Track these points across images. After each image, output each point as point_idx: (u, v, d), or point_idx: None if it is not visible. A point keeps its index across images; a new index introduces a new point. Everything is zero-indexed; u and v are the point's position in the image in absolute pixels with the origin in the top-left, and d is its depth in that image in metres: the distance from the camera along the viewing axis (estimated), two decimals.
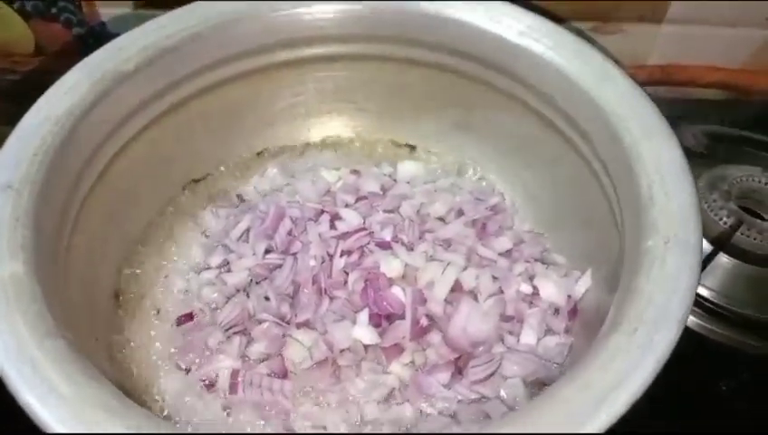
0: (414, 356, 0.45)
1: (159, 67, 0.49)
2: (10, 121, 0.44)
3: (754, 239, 0.55)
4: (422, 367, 0.45)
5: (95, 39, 0.68)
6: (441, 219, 0.53)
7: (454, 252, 0.50)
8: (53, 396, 0.32)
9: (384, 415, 0.44)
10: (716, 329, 0.53)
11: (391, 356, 0.45)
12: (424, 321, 0.46)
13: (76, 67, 0.47)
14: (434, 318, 0.47)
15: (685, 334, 0.34)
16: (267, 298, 0.48)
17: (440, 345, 0.46)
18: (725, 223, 0.55)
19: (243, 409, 0.44)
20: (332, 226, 0.51)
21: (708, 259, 0.53)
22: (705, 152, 0.60)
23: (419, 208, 0.53)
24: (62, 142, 0.43)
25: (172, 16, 0.50)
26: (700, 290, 0.53)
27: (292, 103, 0.58)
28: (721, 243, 0.54)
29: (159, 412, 0.44)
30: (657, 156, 0.40)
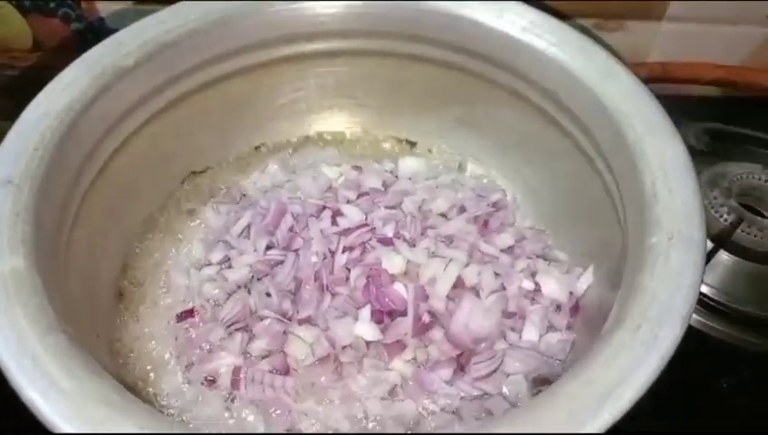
0: (416, 353, 0.45)
1: (159, 62, 0.49)
2: (8, 117, 0.43)
3: (755, 236, 0.55)
4: (424, 364, 0.45)
5: (94, 34, 0.67)
6: (443, 215, 0.53)
7: (456, 248, 0.49)
8: (55, 391, 0.31)
9: (386, 412, 0.44)
10: (717, 326, 0.53)
11: (393, 353, 0.45)
12: (426, 317, 0.46)
13: (75, 62, 0.46)
14: (436, 315, 0.46)
15: (685, 332, 0.34)
16: (269, 294, 0.48)
17: (442, 342, 0.46)
18: (726, 220, 0.56)
19: (244, 405, 0.44)
20: (334, 222, 0.51)
21: (709, 256, 0.53)
22: (705, 150, 0.60)
23: (421, 205, 0.53)
24: (62, 137, 0.42)
25: (172, 11, 0.50)
26: (701, 287, 0.53)
27: (292, 99, 0.58)
28: (721, 240, 0.54)
29: (160, 409, 0.44)
30: (660, 152, 0.40)
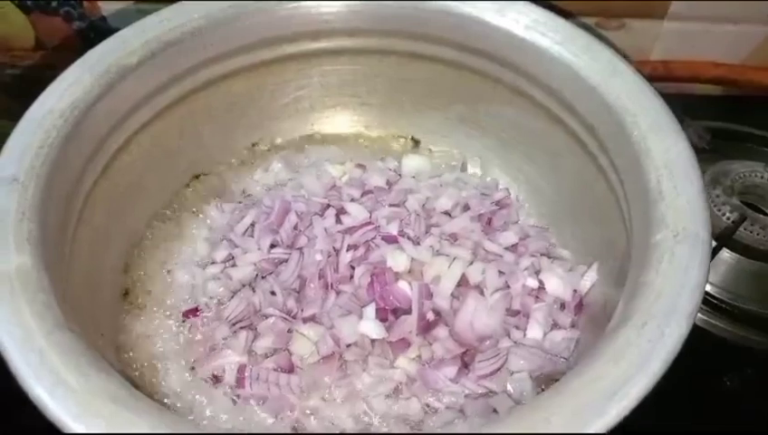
0: (420, 351, 0.45)
1: (163, 61, 0.49)
2: (10, 116, 0.43)
3: (757, 235, 0.55)
4: (429, 362, 0.45)
5: (96, 33, 0.67)
6: (447, 214, 0.53)
7: (460, 246, 0.49)
8: (62, 388, 0.31)
9: (391, 410, 0.44)
10: (719, 324, 0.53)
11: (398, 351, 0.45)
12: (430, 315, 0.46)
13: (79, 61, 0.46)
14: (440, 313, 0.47)
15: None
16: (273, 293, 0.48)
17: (447, 340, 0.46)
18: (728, 218, 0.56)
19: (249, 403, 0.44)
20: (338, 220, 0.51)
21: (711, 255, 0.53)
22: (707, 148, 0.60)
23: (425, 203, 0.53)
24: (67, 136, 0.42)
25: (175, 9, 0.50)
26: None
27: (296, 97, 0.58)
28: (724, 238, 0.54)
29: (166, 407, 0.44)
30: (665, 150, 0.40)
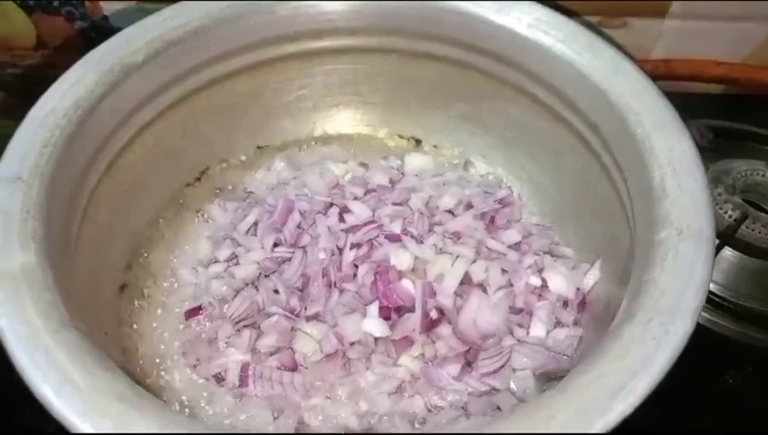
0: (424, 349, 0.45)
1: (166, 59, 0.49)
2: (12, 115, 0.43)
3: (759, 233, 0.55)
4: (432, 360, 0.45)
5: (97, 33, 0.67)
6: (450, 212, 0.53)
7: (463, 245, 0.50)
8: (68, 386, 0.31)
9: (394, 408, 0.44)
10: (721, 322, 0.53)
11: (401, 349, 0.45)
12: (434, 313, 0.46)
13: (83, 60, 0.46)
14: (444, 311, 0.47)
15: None
16: (276, 291, 0.48)
17: (450, 338, 0.46)
18: (730, 217, 0.56)
19: (253, 402, 0.44)
20: (341, 219, 0.51)
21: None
22: (709, 147, 0.60)
23: (428, 201, 0.53)
24: (71, 135, 0.42)
25: (178, 9, 0.50)
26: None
27: (298, 96, 0.58)
28: (726, 237, 0.54)
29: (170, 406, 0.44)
30: (669, 148, 0.40)
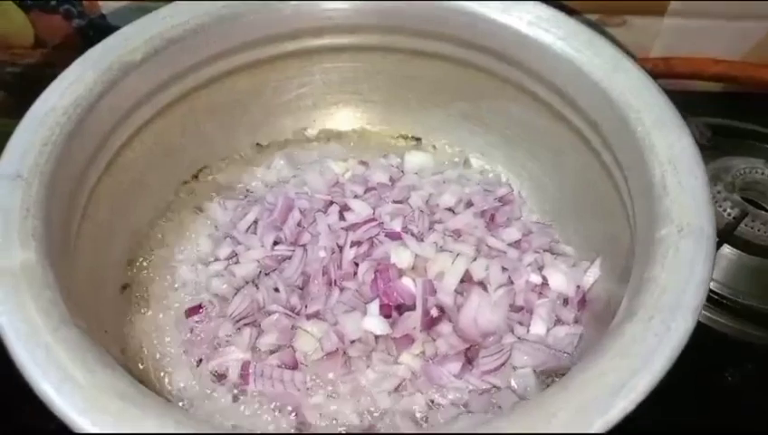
0: (424, 347, 0.45)
1: (166, 58, 0.49)
2: (11, 114, 0.43)
3: (758, 231, 0.55)
4: (432, 357, 0.45)
5: (95, 31, 0.67)
6: (450, 210, 0.53)
7: (463, 242, 0.50)
8: (69, 384, 0.31)
9: (395, 406, 0.44)
10: (720, 320, 0.53)
11: (402, 347, 0.45)
12: (434, 311, 0.46)
13: (81, 58, 0.46)
14: (444, 309, 0.47)
15: None
16: (277, 289, 0.48)
17: (450, 336, 0.46)
18: (730, 215, 0.56)
19: (254, 400, 0.44)
20: (342, 217, 0.51)
21: None
22: (708, 145, 0.60)
23: (428, 199, 0.53)
24: (71, 133, 0.42)
25: (177, 7, 0.50)
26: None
27: (298, 94, 0.58)
28: (725, 234, 0.54)
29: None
30: (669, 146, 0.40)
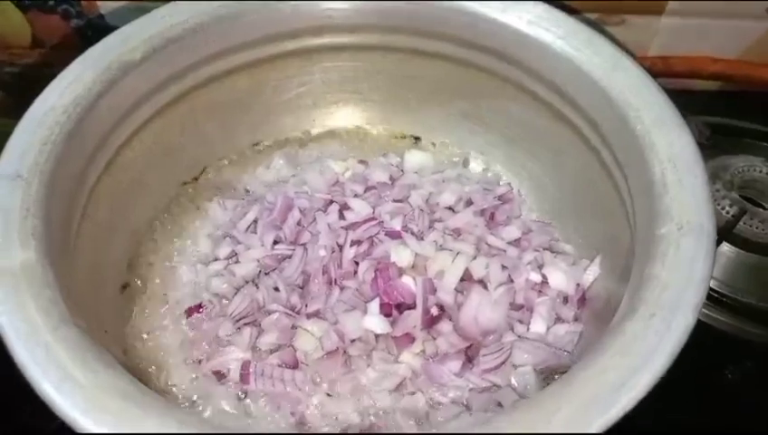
0: (425, 345, 0.45)
1: (165, 57, 0.48)
2: (10, 114, 0.43)
3: (757, 229, 0.55)
4: (433, 356, 0.45)
5: (94, 31, 0.67)
6: (450, 209, 0.53)
7: (463, 241, 0.50)
8: (69, 383, 0.31)
9: (396, 404, 0.44)
10: (719, 318, 0.53)
11: (402, 345, 0.45)
12: (434, 310, 0.46)
13: (81, 57, 0.46)
14: (444, 307, 0.47)
15: None
16: (277, 289, 0.48)
17: (451, 334, 0.46)
18: (728, 213, 0.56)
19: (254, 399, 0.44)
20: (341, 216, 0.51)
21: None
22: (706, 143, 0.60)
23: (428, 198, 0.53)
24: (70, 132, 0.42)
25: (176, 6, 0.50)
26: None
27: (298, 94, 0.58)
28: (724, 232, 0.55)
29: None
30: (669, 144, 0.41)
